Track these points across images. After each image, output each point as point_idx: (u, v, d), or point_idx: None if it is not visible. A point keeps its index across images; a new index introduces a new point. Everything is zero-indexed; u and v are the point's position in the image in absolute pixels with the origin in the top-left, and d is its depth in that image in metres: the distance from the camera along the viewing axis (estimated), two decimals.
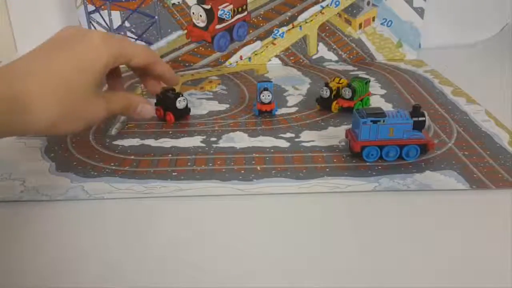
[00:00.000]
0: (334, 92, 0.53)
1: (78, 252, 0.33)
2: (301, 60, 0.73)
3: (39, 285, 0.30)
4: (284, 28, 0.71)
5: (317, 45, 0.73)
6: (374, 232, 0.35)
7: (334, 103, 0.53)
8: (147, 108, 0.40)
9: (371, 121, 0.41)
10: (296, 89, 0.62)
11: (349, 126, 0.45)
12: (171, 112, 0.52)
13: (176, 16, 0.70)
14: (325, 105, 0.54)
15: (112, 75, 0.41)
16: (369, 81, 0.54)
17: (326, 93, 0.53)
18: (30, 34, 0.74)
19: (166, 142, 0.47)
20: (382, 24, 0.72)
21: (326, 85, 0.53)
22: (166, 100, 0.51)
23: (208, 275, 0.31)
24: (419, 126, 0.43)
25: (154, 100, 0.52)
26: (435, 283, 0.30)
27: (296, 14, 0.71)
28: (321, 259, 0.32)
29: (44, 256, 0.32)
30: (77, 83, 0.33)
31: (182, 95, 0.52)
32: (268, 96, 0.51)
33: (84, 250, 0.33)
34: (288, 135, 0.48)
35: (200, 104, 0.57)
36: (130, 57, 0.38)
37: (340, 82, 0.53)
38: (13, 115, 0.30)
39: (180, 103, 0.51)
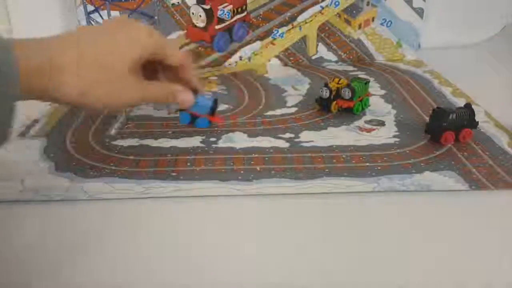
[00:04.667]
0: (333, 93, 0.53)
1: (77, 252, 0.33)
2: (300, 61, 0.73)
3: (38, 284, 0.30)
4: (284, 29, 0.71)
5: (317, 45, 0.73)
6: (374, 233, 0.35)
7: (334, 103, 0.53)
8: (186, 96, 0.42)
9: None
10: (296, 90, 0.62)
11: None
12: None
13: (175, 16, 0.70)
14: (324, 106, 0.54)
15: (152, 68, 0.42)
16: (369, 82, 0.54)
17: (325, 93, 0.53)
18: (30, 34, 0.74)
19: (166, 142, 0.47)
20: (381, 24, 0.72)
21: (326, 85, 0.53)
22: None
23: (208, 275, 0.31)
24: None
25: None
26: (434, 282, 0.30)
27: (295, 14, 0.71)
28: (320, 259, 0.32)
29: (43, 256, 0.32)
30: (112, 63, 0.35)
31: None
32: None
33: (83, 250, 0.33)
34: (288, 135, 0.48)
35: None
36: (168, 55, 0.40)
37: (340, 82, 0.53)
38: (47, 77, 0.32)
39: None
